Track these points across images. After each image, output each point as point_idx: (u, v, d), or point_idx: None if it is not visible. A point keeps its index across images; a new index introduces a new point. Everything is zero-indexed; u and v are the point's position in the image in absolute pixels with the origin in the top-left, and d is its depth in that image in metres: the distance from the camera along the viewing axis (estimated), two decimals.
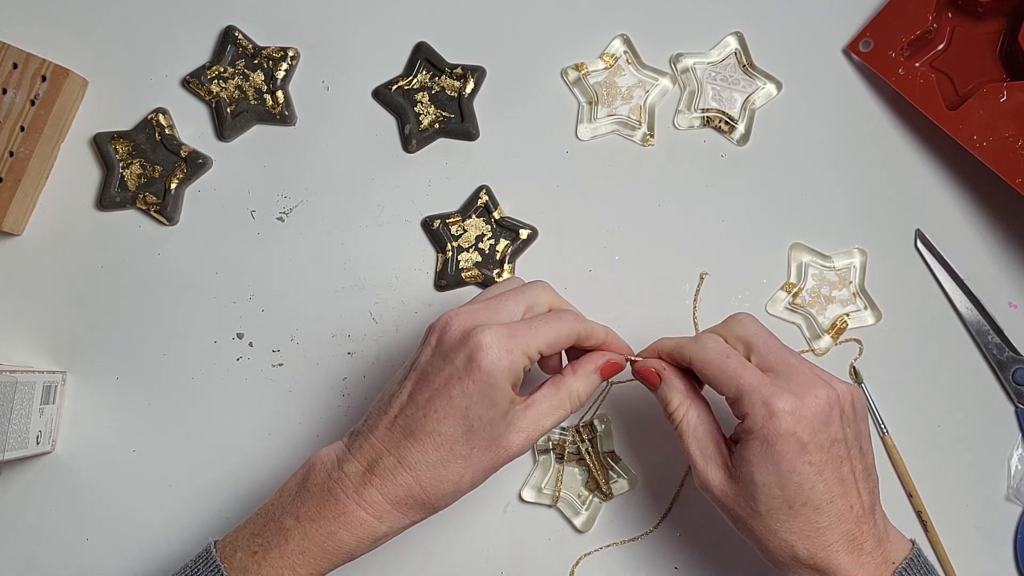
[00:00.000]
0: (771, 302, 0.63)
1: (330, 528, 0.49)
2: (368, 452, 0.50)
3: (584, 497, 0.61)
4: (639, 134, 0.64)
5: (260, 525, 0.50)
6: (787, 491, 0.48)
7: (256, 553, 0.49)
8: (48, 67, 0.62)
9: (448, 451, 0.49)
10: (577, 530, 0.61)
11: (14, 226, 0.62)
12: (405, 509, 0.49)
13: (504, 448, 0.50)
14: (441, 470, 0.49)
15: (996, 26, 0.62)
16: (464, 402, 0.48)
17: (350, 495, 0.49)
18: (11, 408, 0.56)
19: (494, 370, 0.48)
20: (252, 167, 0.64)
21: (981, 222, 0.63)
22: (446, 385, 0.49)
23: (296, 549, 0.48)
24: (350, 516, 0.49)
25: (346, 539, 0.49)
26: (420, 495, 0.49)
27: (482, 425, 0.49)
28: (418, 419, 0.49)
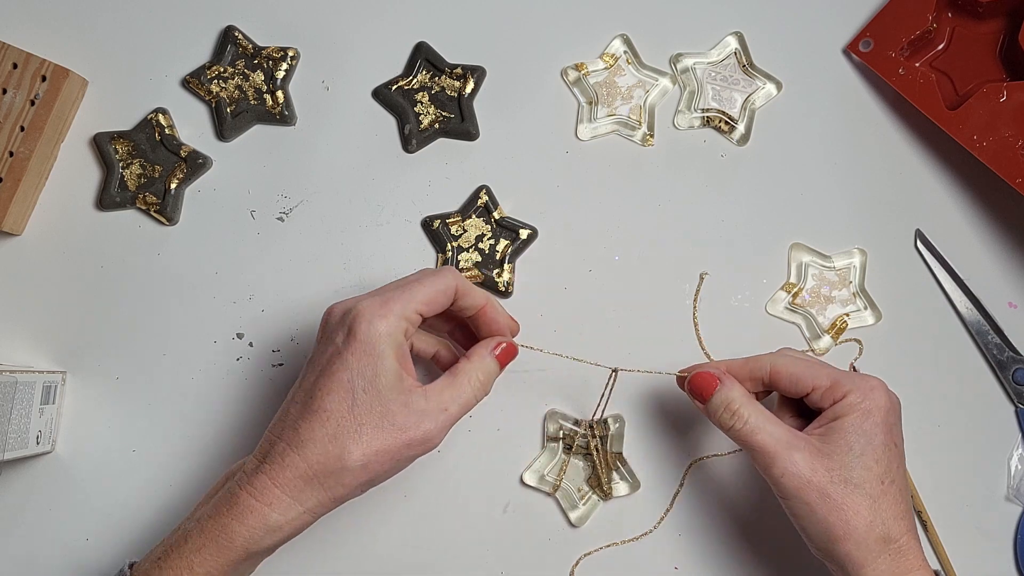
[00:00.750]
0: (771, 302, 0.63)
1: (223, 520, 0.49)
2: (263, 446, 0.51)
3: (584, 492, 0.61)
4: (639, 134, 0.64)
5: (168, 536, 0.51)
6: (881, 464, 0.50)
7: (159, 559, 0.49)
8: (48, 67, 0.62)
9: (335, 426, 0.49)
10: (571, 524, 0.61)
11: (14, 226, 0.62)
12: (295, 492, 0.49)
13: (401, 428, 0.49)
14: (328, 445, 0.49)
15: (996, 26, 0.62)
16: (346, 375, 0.49)
17: (243, 487, 0.49)
18: (11, 408, 0.56)
19: (371, 336, 0.49)
20: (252, 167, 0.64)
21: (981, 222, 0.63)
22: (329, 362, 0.50)
23: (192, 547, 0.49)
24: (241, 506, 0.49)
25: (238, 530, 0.49)
26: (307, 473, 0.49)
27: (367, 397, 0.49)
28: (307, 401, 0.50)
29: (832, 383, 0.52)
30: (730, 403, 0.53)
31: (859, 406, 0.51)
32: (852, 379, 0.52)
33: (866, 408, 0.51)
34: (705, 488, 0.62)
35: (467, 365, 0.53)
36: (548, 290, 0.63)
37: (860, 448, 0.50)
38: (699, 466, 0.62)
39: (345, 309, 0.51)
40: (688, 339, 0.63)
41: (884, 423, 0.51)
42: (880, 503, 0.50)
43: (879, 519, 0.49)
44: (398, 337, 0.50)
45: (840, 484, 0.50)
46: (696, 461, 0.62)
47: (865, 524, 0.49)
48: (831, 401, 0.52)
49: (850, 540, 0.49)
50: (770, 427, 0.52)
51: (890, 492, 0.50)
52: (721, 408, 0.53)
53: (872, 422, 0.50)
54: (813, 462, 0.50)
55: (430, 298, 0.51)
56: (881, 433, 0.51)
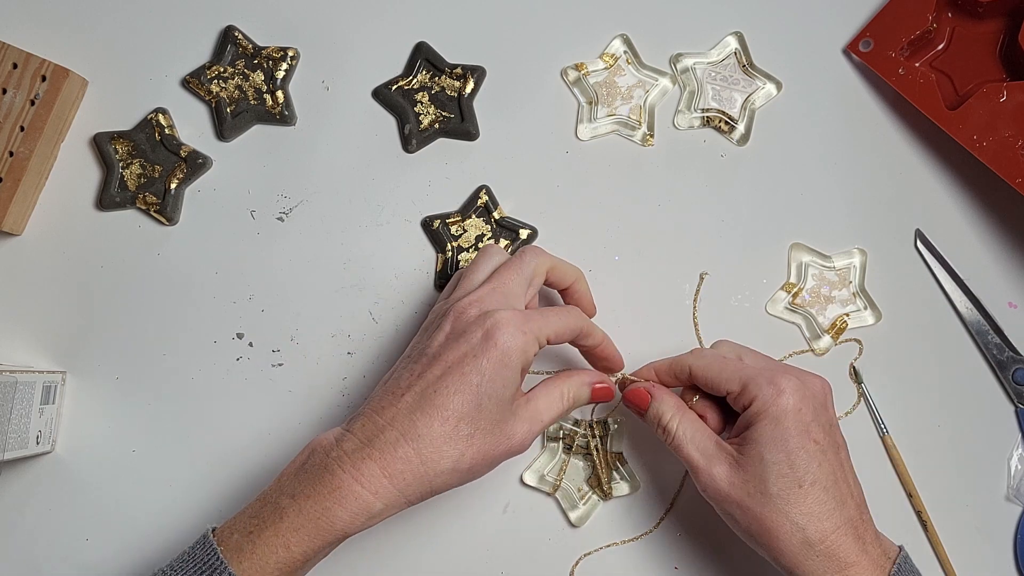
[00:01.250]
0: (771, 302, 0.63)
1: (325, 504, 0.48)
2: (369, 428, 0.49)
3: (583, 492, 0.61)
4: (639, 134, 0.64)
5: (257, 508, 0.50)
6: (796, 468, 0.50)
7: (251, 533, 0.48)
8: (48, 67, 0.62)
9: (453, 427, 0.49)
10: (571, 524, 0.61)
11: (14, 226, 0.62)
12: (402, 485, 0.49)
13: (507, 436, 0.50)
14: (444, 445, 0.49)
15: (996, 26, 0.62)
16: (477, 378, 0.49)
17: (347, 469, 0.48)
18: (11, 408, 0.56)
19: (510, 348, 0.49)
20: (252, 167, 0.64)
21: (981, 222, 0.63)
22: (460, 361, 0.49)
23: (290, 526, 0.48)
24: (345, 491, 0.48)
25: (340, 515, 0.48)
26: (419, 468, 0.49)
27: (491, 404, 0.49)
28: (428, 394, 0.49)
29: (741, 387, 0.52)
30: (660, 417, 0.54)
31: (766, 412, 0.50)
32: (760, 383, 0.51)
33: (773, 414, 0.50)
34: None
35: (567, 383, 0.54)
36: (548, 290, 0.63)
37: (771, 456, 0.50)
38: None
39: (483, 311, 0.51)
40: (688, 339, 0.63)
41: (796, 425, 0.50)
42: (799, 508, 0.49)
43: (797, 525, 0.49)
44: (529, 356, 0.51)
45: (757, 495, 0.50)
46: None
47: (785, 532, 0.50)
48: (742, 406, 0.52)
49: (774, 548, 0.50)
50: (698, 439, 0.52)
51: (811, 494, 0.50)
52: (654, 422, 0.54)
53: (781, 428, 0.50)
54: (731, 476, 0.51)
55: (560, 332, 0.52)
56: (793, 437, 0.50)
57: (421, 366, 0.51)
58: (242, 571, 0.48)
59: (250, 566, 0.48)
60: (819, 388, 0.52)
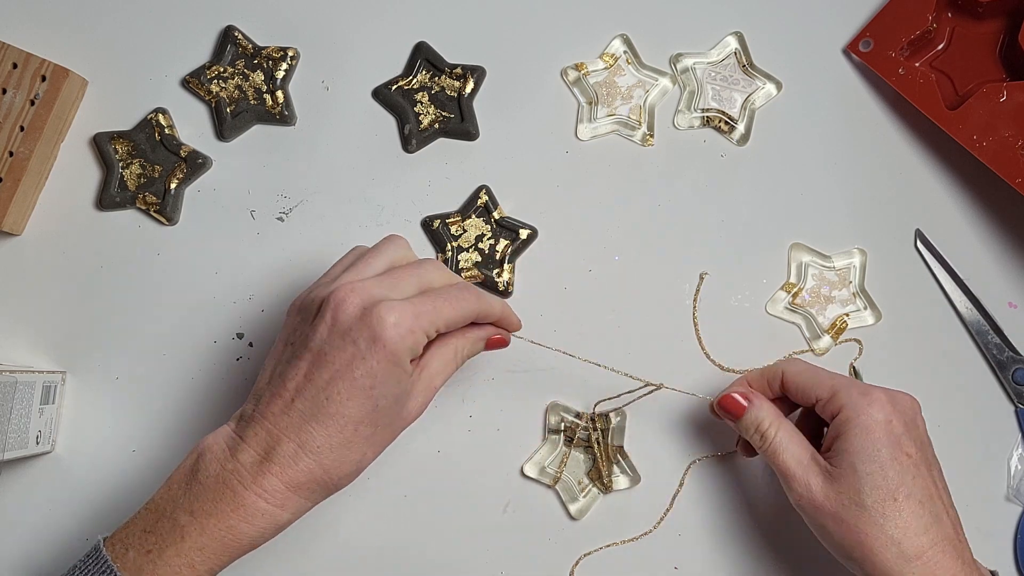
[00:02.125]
0: (771, 302, 0.63)
1: (229, 522, 0.47)
2: (263, 438, 0.48)
3: (584, 485, 0.61)
4: (639, 134, 0.64)
5: (151, 521, 0.48)
6: (890, 480, 0.49)
7: (151, 552, 0.47)
8: (48, 67, 0.62)
9: (352, 432, 0.48)
10: (571, 516, 0.61)
11: (14, 226, 0.62)
12: (307, 493, 0.48)
13: (404, 417, 0.51)
14: (345, 451, 0.48)
15: (996, 26, 0.62)
16: (369, 382, 0.47)
17: (248, 486, 0.47)
18: (11, 408, 0.56)
19: (398, 348, 0.47)
20: (252, 167, 0.64)
21: (981, 222, 0.63)
22: (348, 365, 0.47)
23: (194, 546, 0.47)
24: (250, 508, 0.47)
25: (247, 531, 0.47)
26: (323, 478, 0.48)
27: (387, 404, 0.49)
28: (319, 401, 0.47)
29: (831, 395, 0.52)
30: (759, 424, 0.54)
31: (855, 422, 0.50)
32: (849, 393, 0.51)
33: (864, 425, 0.50)
34: (705, 488, 0.62)
35: (458, 342, 0.53)
36: (548, 290, 0.63)
37: (865, 468, 0.50)
38: (699, 466, 0.62)
39: (365, 307, 0.47)
40: (688, 339, 0.63)
41: (887, 437, 0.50)
42: (894, 521, 0.49)
43: (893, 539, 0.49)
44: (419, 348, 0.49)
45: (852, 508, 0.50)
46: (696, 461, 0.62)
47: (880, 545, 0.49)
48: (830, 415, 0.52)
49: (869, 562, 0.49)
50: (793, 448, 0.52)
51: (906, 507, 0.49)
52: (752, 428, 0.54)
53: (872, 439, 0.50)
54: (826, 487, 0.51)
55: (453, 320, 0.50)
56: (885, 448, 0.50)
57: (307, 364, 0.48)
58: None
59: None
60: (908, 404, 0.52)
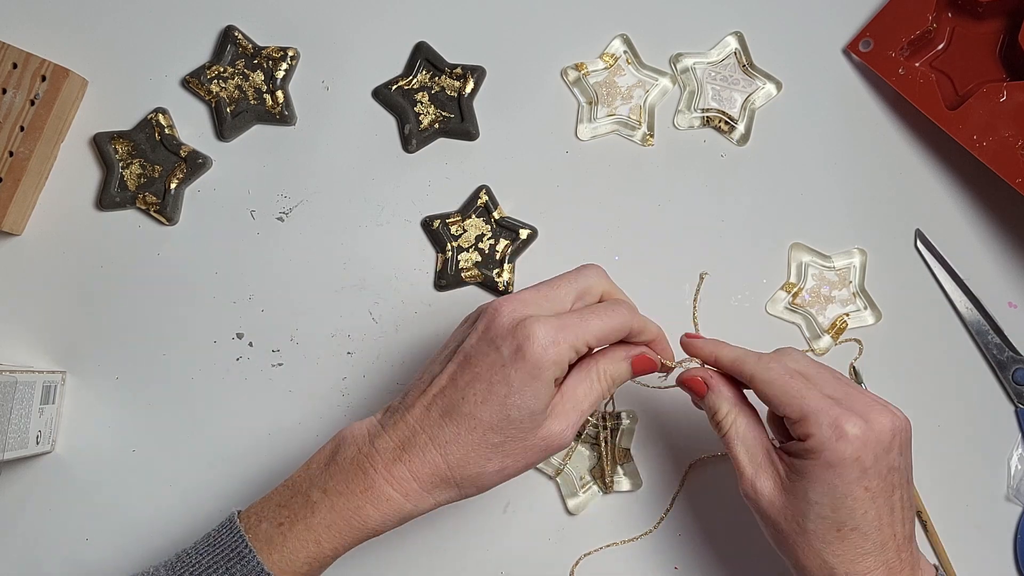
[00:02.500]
0: (771, 302, 0.63)
1: (357, 503, 0.48)
2: (402, 429, 0.49)
3: (585, 481, 0.61)
4: (639, 134, 0.64)
5: (286, 497, 0.49)
6: (839, 513, 0.48)
7: (282, 525, 0.48)
8: (48, 67, 0.62)
9: (480, 436, 0.48)
10: (568, 511, 0.61)
11: (14, 226, 0.62)
12: (431, 488, 0.49)
13: (542, 438, 0.49)
14: (471, 453, 0.48)
15: (996, 26, 0.62)
16: (505, 390, 0.48)
17: (379, 471, 0.48)
18: (11, 408, 0.56)
19: (540, 361, 0.47)
20: (252, 167, 0.64)
21: (981, 222, 0.63)
22: (489, 371, 0.48)
23: (323, 522, 0.48)
24: (378, 492, 0.48)
25: (372, 515, 0.48)
26: (446, 473, 0.48)
27: (520, 416, 0.48)
28: (456, 400, 0.48)
29: (800, 417, 0.49)
30: (716, 410, 0.52)
31: (820, 454, 0.47)
32: (820, 421, 0.48)
33: (827, 459, 0.47)
34: (705, 488, 0.62)
35: (601, 363, 0.51)
36: None
37: (816, 497, 0.48)
38: (699, 466, 0.62)
39: (515, 319, 0.48)
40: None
41: (850, 473, 0.47)
42: (833, 548, 0.48)
43: (826, 564, 0.48)
44: (563, 365, 0.49)
45: (793, 524, 0.49)
46: (696, 461, 0.62)
47: (813, 566, 0.49)
48: (797, 436, 0.49)
49: (798, 572, 0.50)
50: (750, 442, 0.51)
51: (849, 538, 0.48)
52: (710, 412, 0.53)
53: (833, 473, 0.47)
54: (772, 495, 0.50)
55: (603, 336, 0.50)
56: (844, 484, 0.47)
57: (454, 366, 0.49)
58: (272, 563, 0.47)
59: (280, 559, 0.48)
60: (887, 430, 0.48)
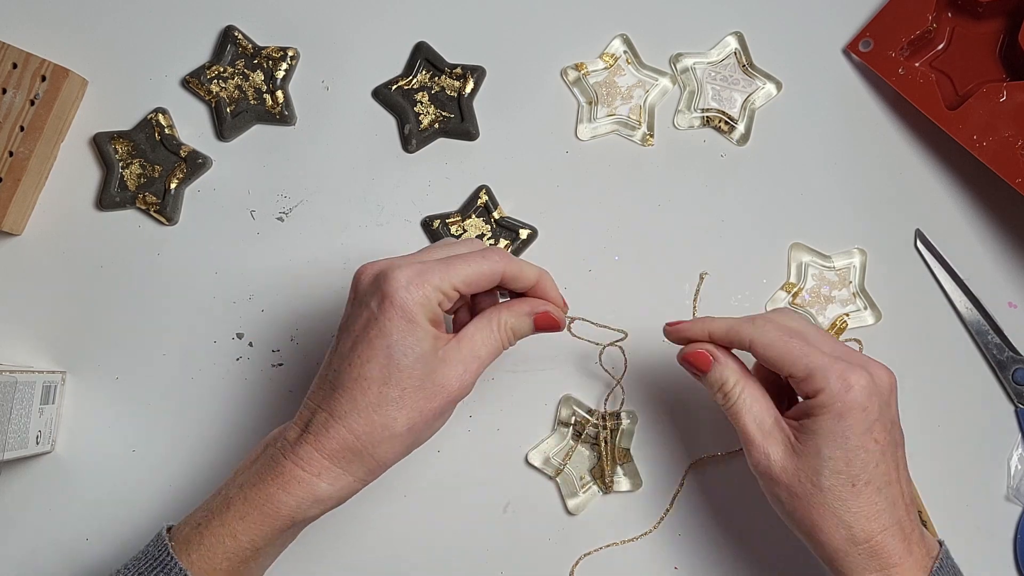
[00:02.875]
0: (771, 302, 0.63)
1: (269, 490, 0.48)
2: (304, 415, 0.50)
3: (585, 481, 0.61)
4: (639, 134, 0.64)
5: (209, 502, 0.50)
6: (852, 467, 0.48)
7: (199, 525, 0.49)
8: (48, 67, 0.62)
9: (376, 394, 0.48)
10: (568, 511, 0.61)
11: (14, 226, 0.63)
12: (343, 463, 0.49)
13: (441, 386, 0.49)
14: (372, 415, 0.48)
15: (996, 26, 0.62)
16: (384, 341, 0.48)
17: (288, 456, 0.49)
18: (11, 408, 0.56)
19: (406, 303, 0.48)
20: (252, 167, 0.64)
21: (981, 222, 0.63)
22: (364, 328, 0.49)
23: (236, 515, 0.48)
24: (288, 476, 0.48)
25: (285, 500, 0.48)
26: (355, 444, 0.48)
27: (408, 363, 0.48)
28: (343, 369, 0.49)
29: (807, 375, 0.49)
30: (724, 382, 0.52)
31: (831, 407, 0.48)
32: (828, 376, 0.49)
33: (838, 411, 0.48)
34: (705, 488, 0.62)
35: (503, 314, 0.52)
36: None
37: (829, 452, 0.48)
38: (699, 466, 0.62)
39: (377, 272, 0.49)
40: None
41: (860, 424, 0.48)
42: (849, 505, 0.49)
43: (844, 523, 0.49)
44: (433, 307, 0.49)
45: (808, 485, 0.49)
46: (696, 461, 0.62)
47: (830, 527, 0.49)
48: (805, 393, 0.50)
49: (816, 540, 0.49)
50: (756, 411, 0.51)
51: (864, 493, 0.48)
52: (716, 386, 0.52)
53: (844, 424, 0.48)
54: (785, 460, 0.50)
55: (471, 279, 0.50)
56: (855, 435, 0.48)
57: (336, 341, 0.50)
58: (191, 563, 0.48)
59: (199, 558, 0.48)
60: (887, 383, 0.50)
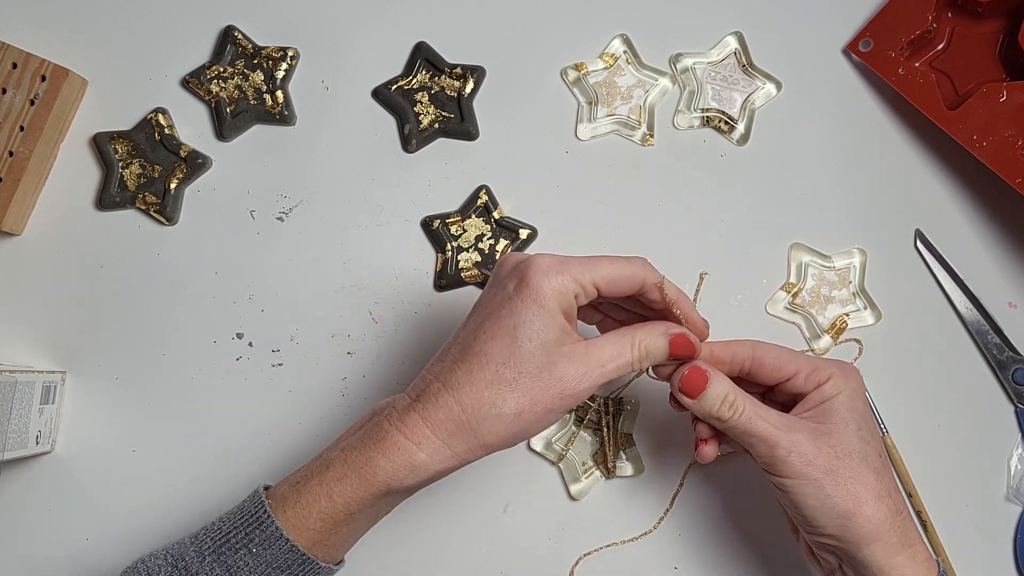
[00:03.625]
0: (771, 302, 0.63)
1: (369, 454, 0.48)
2: (418, 385, 0.50)
3: (587, 466, 0.61)
4: (639, 134, 0.64)
5: (309, 463, 0.50)
6: (875, 439, 0.52)
7: (298, 484, 0.49)
8: (48, 67, 0.62)
9: (493, 372, 0.48)
10: (571, 497, 0.61)
11: (13, 226, 0.62)
12: (445, 436, 0.48)
13: (557, 379, 0.48)
14: (484, 391, 0.47)
15: (996, 26, 0.62)
16: (512, 321, 0.48)
17: (393, 422, 0.48)
18: (11, 408, 0.56)
19: (542, 288, 0.48)
20: (252, 167, 0.64)
21: (981, 222, 0.63)
22: (497, 307, 0.49)
23: (334, 476, 0.48)
24: (389, 442, 0.48)
25: (383, 464, 0.48)
26: (460, 417, 0.48)
27: (532, 347, 0.48)
28: (468, 343, 0.49)
29: (815, 367, 0.53)
30: (726, 395, 0.52)
31: (846, 386, 0.52)
32: (829, 363, 0.53)
33: (852, 387, 0.52)
34: (705, 488, 0.62)
35: (640, 331, 0.51)
36: None
37: (856, 424, 0.51)
38: (699, 466, 0.62)
39: (520, 259, 0.50)
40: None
41: (864, 402, 0.53)
42: (882, 475, 0.50)
43: (885, 490, 0.50)
44: (569, 298, 0.48)
45: (846, 459, 0.50)
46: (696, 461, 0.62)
47: (874, 496, 0.49)
48: (815, 384, 0.52)
49: (860, 515, 0.49)
50: (764, 413, 0.51)
51: (887, 466, 0.51)
52: (718, 401, 0.52)
53: (859, 400, 0.52)
54: (816, 442, 0.50)
55: (612, 277, 0.50)
56: (866, 411, 0.52)
57: (467, 318, 0.50)
58: (285, 520, 0.48)
59: (293, 515, 0.48)
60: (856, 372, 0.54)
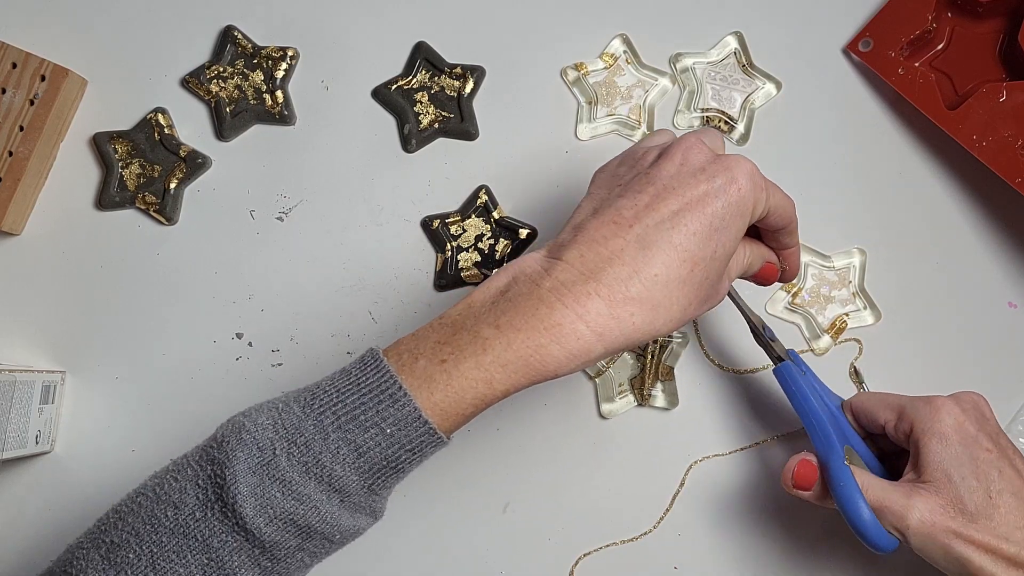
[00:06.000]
0: (771, 302, 0.63)
1: (540, 340, 0.42)
2: (590, 259, 0.43)
3: (623, 388, 0.62)
4: (639, 134, 0.64)
5: (447, 335, 0.43)
6: (982, 481, 0.48)
7: (445, 362, 0.42)
8: (47, 67, 0.62)
9: (688, 271, 0.43)
10: (600, 415, 0.61)
11: (13, 226, 0.62)
12: (629, 329, 0.43)
13: (718, 292, 0.47)
14: (675, 289, 0.43)
15: (996, 26, 0.62)
16: (717, 222, 0.44)
17: (568, 304, 0.42)
18: (10, 407, 0.56)
19: (747, 198, 0.45)
20: (251, 167, 0.64)
21: (981, 222, 0.63)
22: (701, 200, 0.44)
23: (496, 361, 0.42)
24: (567, 328, 0.42)
25: (556, 354, 0.42)
26: (648, 314, 0.43)
27: (720, 253, 0.45)
28: (664, 229, 0.43)
29: (898, 414, 0.52)
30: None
31: (931, 431, 0.50)
32: (916, 405, 0.51)
33: (939, 432, 0.50)
34: (705, 488, 0.62)
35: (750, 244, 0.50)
36: None
37: (957, 474, 0.49)
38: (699, 466, 0.62)
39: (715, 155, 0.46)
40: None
41: (964, 441, 0.49)
42: (994, 521, 0.48)
43: (1002, 539, 0.48)
44: (758, 214, 0.47)
45: (959, 516, 0.48)
46: (696, 461, 0.62)
47: (992, 548, 0.48)
48: (903, 434, 0.51)
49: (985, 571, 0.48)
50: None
51: (1001, 505, 0.48)
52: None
53: (951, 445, 0.49)
54: (930, 503, 0.49)
55: (780, 208, 0.48)
56: (966, 452, 0.49)
57: (649, 196, 0.44)
58: (431, 405, 0.42)
59: (443, 399, 0.42)
60: (973, 399, 0.52)
